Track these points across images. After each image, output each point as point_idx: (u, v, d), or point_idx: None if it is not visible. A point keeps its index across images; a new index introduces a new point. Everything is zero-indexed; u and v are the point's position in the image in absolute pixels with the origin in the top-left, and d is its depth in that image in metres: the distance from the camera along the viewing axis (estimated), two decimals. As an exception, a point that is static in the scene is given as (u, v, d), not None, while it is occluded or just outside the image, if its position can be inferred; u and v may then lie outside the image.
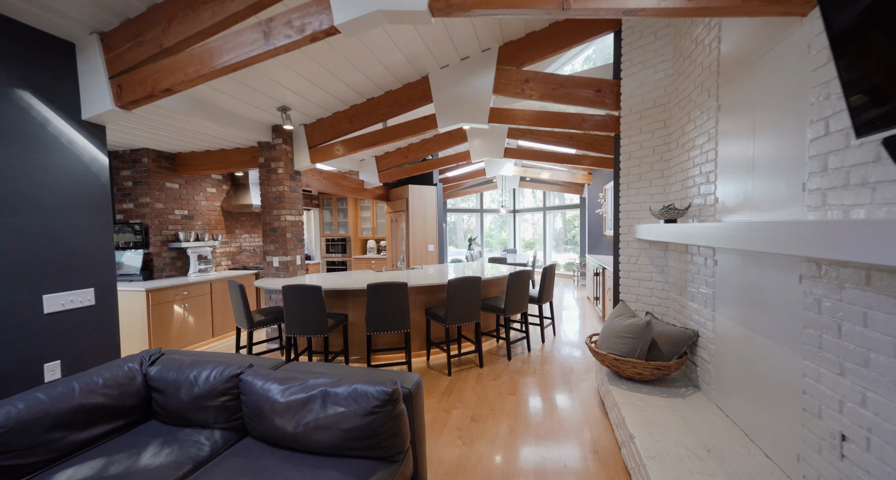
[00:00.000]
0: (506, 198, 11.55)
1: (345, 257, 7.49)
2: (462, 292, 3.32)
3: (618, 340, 2.48)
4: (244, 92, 3.25)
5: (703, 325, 2.29)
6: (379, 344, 3.71)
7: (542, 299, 4.21)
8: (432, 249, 6.50)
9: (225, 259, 5.28)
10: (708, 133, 2.21)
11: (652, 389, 2.37)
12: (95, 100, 2.20)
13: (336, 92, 3.58)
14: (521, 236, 11.68)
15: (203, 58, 2.03)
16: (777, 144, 1.59)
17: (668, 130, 2.86)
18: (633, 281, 3.11)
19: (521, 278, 3.72)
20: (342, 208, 7.56)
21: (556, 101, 3.38)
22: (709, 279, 2.20)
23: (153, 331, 3.71)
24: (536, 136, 5.21)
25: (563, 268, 10.32)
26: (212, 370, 1.77)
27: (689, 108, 2.48)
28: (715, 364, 2.14)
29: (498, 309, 3.69)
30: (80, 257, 2.20)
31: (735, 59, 1.94)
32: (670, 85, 2.83)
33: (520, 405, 2.75)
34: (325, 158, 4.17)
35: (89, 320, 2.24)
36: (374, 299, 3.09)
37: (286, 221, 4.08)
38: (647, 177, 3.00)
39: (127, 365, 1.81)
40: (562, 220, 10.75)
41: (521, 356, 3.82)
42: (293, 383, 1.63)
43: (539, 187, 9.39)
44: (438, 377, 3.32)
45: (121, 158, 4.28)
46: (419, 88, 3.69)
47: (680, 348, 2.37)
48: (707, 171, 2.23)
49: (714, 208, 2.15)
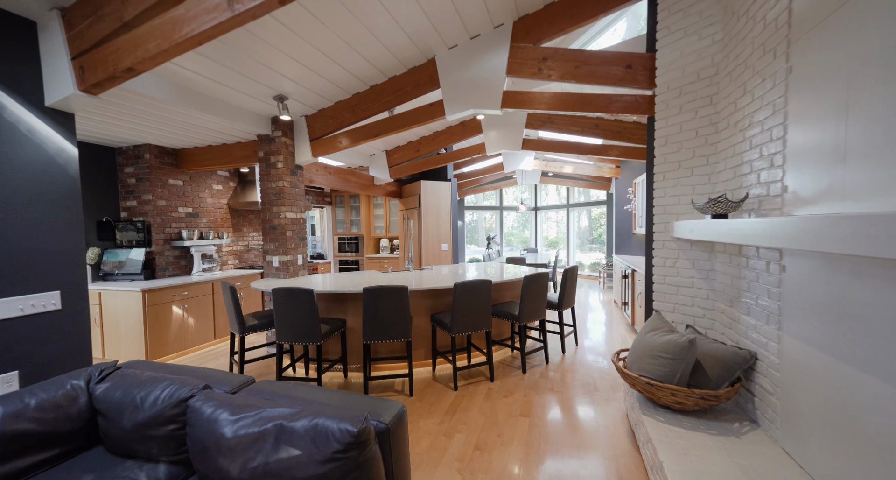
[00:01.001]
0: (527, 195, 11.05)
1: (358, 257, 7.28)
2: (470, 297, 2.97)
3: (652, 360, 2.05)
4: (237, 80, 3.02)
5: (763, 346, 1.84)
6: (381, 352, 3.41)
7: (563, 304, 3.79)
8: (446, 248, 6.16)
9: (232, 258, 5.15)
10: (773, 105, 1.75)
11: (696, 422, 1.94)
12: (58, 84, 2.00)
13: (336, 79, 3.30)
14: (544, 235, 11.15)
15: (164, 30, 1.77)
16: (889, 111, 1.15)
17: (715, 107, 2.39)
18: (669, 287, 2.66)
19: (538, 282, 3.33)
20: (354, 206, 7.34)
21: (580, 80, 2.96)
22: (772, 289, 1.75)
23: (149, 333, 3.57)
24: (557, 125, 4.76)
25: (587, 268, 9.74)
26: (162, 391, 1.50)
27: (744, 77, 2.01)
28: (782, 397, 1.69)
29: (511, 316, 3.31)
30: (43, 256, 2.00)
31: (816, 1, 1.48)
32: (718, 53, 2.36)
33: (533, 431, 2.38)
34: (327, 151, 3.91)
35: (54, 325, 2.05)
36: (371, 304, 2.79)
37: (286, 218, 3.85)
38: (689, 165, 2.54)
39: (71, 383, 1.57)
40: (587, 217, 10.16)
41: (537, 369, 3.42)
42: (248, 412, 1.34)
43: (562, 182, 8.86)
44: (443, 391, 2.98)
45: (124, 154, 4.18)
46: (426, 72, 3.36)
47: (732, 372, 1.92)
48: (771, 153, 1.77)
49: (781, 200, 1.69)
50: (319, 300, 3.39)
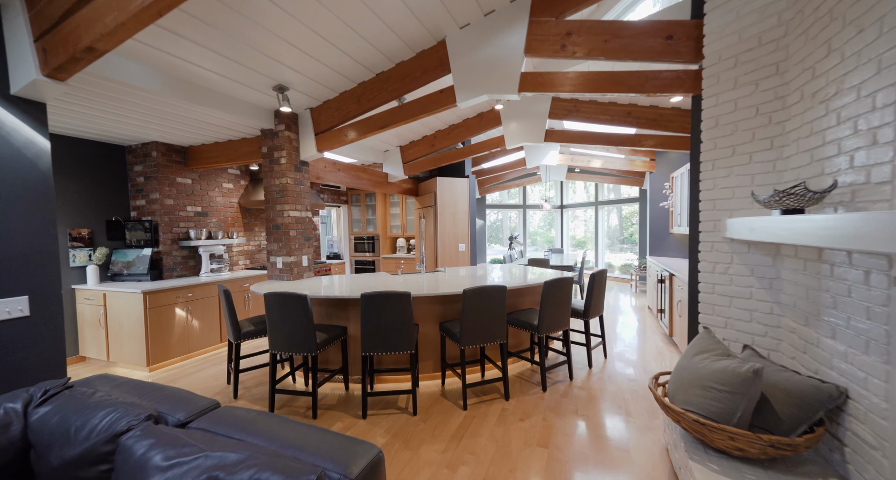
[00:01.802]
0: (553, 193, 10.52)
1: (374, 257, 7.07)
2: (481, 305, 2.63)
3: (703, 392, 1.64)
4: (232, 69, 2.82)
5: (859, 381, 1.39)
6: (385, 363, 3.13)
7: (590, 312, 3.37)
8: (463, 248, 5.82)
9: (243, 258, 5.04)
10: (877, 62, 1.31)
11: (762, 474, 1.52)
12: (22, 69, 1.83)
13: (339, 66, 3.05)
14: (570, 235, 10.58)
15: (120, 1, 1.55)
16: None
17: (782, 77, 1.94)
18: (720, 298, 2.21)
19: (561, 288, 2.94)
20: (370, 205, 7.14)
21: (610, 57, 2.56)
22: (875, 308, 1.31)
23: (151, 336, 3.45)
24: (585, 113, 4.32)
25: (617, 270, 9.12)
26: (101, 421, 1.26)
27: (829, 31, 1.56)
28: (891, 455, 1.25)
29: (530, 326, 2.94)
30: (8, 259, 1.84)
31: None
32: (788, 8, 1.90)
33: (553, 467, 2.01)
34: (332, 145, 3.67)
35: (21, 334, 1.89)
36: (371, 312, 2.50)
37: (290, 217, 3.64)
38: (745, 150, 2.09)
39: (6, 406, 1.37)
40: (617, 216, 9.52)
41: (560, 386, 3.03)
42: (185, 457, 1.07)
43: (590, 178, 8.30)
44: (451, 410, 2.66)
45: (134, 153, 4.13)
46: (435, 56, 3.05)
47: (811, 412, 1.49)
48: (872, 126, 1.33)
49: (891, 188, 1.25)
50: (320, 306, 3.15)
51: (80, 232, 3.80)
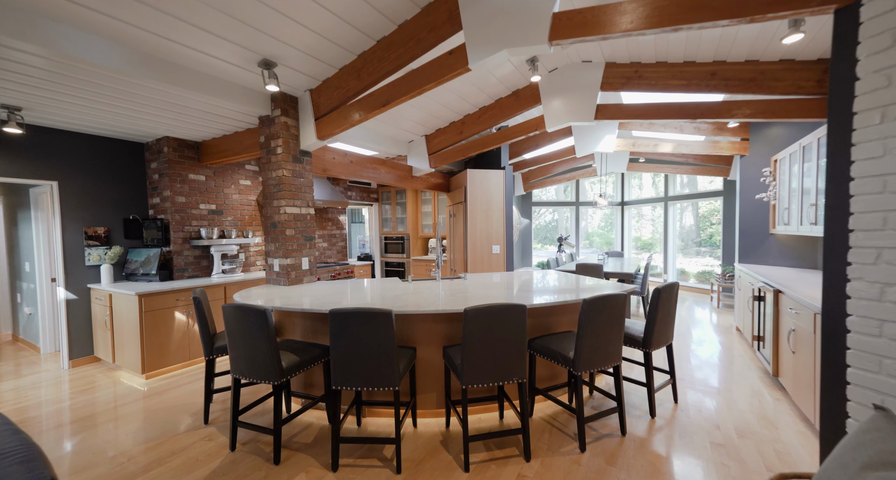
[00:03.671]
0: (612, 188, 9.24)
1: (403, 258, 6.57)
2: (489, 330, 1.91)
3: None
4: (209, 42, 2.42)
5: None
6: (374, 394, 2.54)
7: (651, 342, 2.46)
8: (498, 250, 5.06)
9: (260, 259, 4.81)
10: None
11: None
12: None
13: (333, 33, 2.54)
14: (634, 235, 9.22)
15: None
16: None
17: None
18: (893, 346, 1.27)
19: (610, 310, 2.10)
20: (401, 202, 6.65)
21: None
22: None
23: (146, 342, 3.24)
24: (649, 80, 3.37)
25: (693, 278, 7.66)
26: None
27: None
28: None
29: (563, 359, 2.15)
30: None
31: None
32: None
33: None
34: (333, 131, 3.18)
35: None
36: (342, 334, 1.92)
37: (287, 214, 3.22)
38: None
39: None
40: (692, 214, 8.02)
41: (607, 443, 2.19)
42: None
43: (657, 168, 7.00)
44: (449, 470, 1.97)
45: (150, 149, 4.03)
46: (443, 9, 2.41)
47: None
48: None
49: None
50: (305, 320, 2.66)
51: (96, 230, 3.75)
